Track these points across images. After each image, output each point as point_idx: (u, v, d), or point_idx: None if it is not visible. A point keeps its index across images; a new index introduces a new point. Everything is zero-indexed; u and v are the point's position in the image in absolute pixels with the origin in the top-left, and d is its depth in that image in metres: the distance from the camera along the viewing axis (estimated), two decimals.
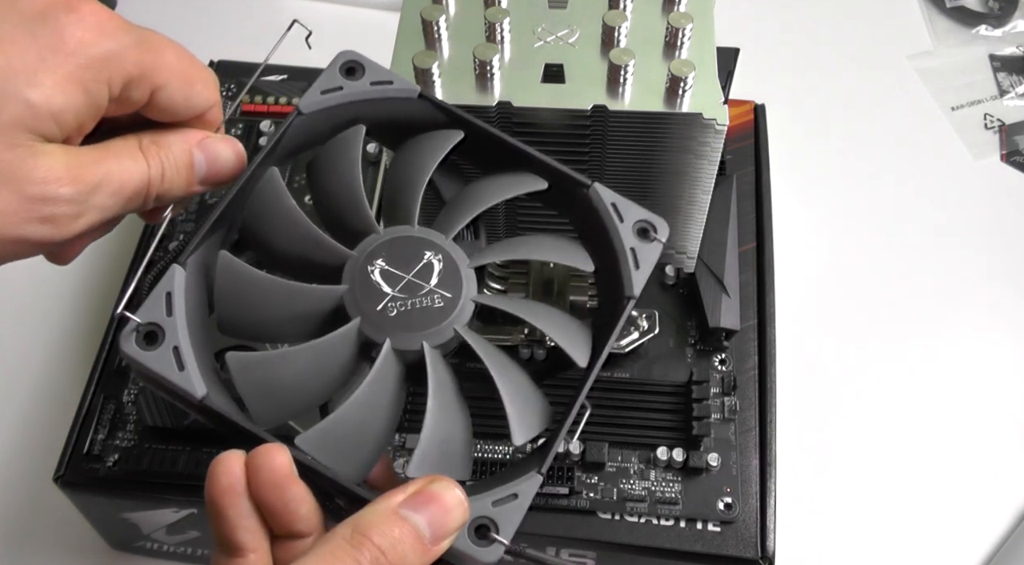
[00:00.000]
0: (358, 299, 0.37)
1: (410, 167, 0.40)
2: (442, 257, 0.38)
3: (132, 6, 0.82)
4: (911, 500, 0.58)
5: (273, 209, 0.38)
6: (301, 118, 0.40)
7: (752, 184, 0.59)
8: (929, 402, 0.62)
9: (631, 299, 0.38)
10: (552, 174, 0.40)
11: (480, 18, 0.44)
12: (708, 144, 0.43)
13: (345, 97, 0.40)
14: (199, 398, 0.34)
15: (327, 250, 0.38)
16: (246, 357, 0.35)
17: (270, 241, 0.39)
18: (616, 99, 0.42)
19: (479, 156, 0.42)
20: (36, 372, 0.62)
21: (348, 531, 0.31)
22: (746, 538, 0.48)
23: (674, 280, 0.56)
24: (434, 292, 0.37)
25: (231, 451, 0.33)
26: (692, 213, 0.47)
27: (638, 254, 0.39)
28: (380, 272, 0.37)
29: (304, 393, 0.36)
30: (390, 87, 0.40)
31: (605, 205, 0.39)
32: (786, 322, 0.55)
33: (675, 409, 0.51)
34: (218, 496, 0.33)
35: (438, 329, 0.37)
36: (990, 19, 0.81)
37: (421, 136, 0.41)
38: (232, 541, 0.33)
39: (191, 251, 0.36)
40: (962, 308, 0.66)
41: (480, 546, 0.33)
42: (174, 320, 0.35)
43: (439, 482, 0.33)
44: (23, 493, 0.59)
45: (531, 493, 0.34)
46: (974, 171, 0.72)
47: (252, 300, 0.37)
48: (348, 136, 0.40)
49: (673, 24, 0.43)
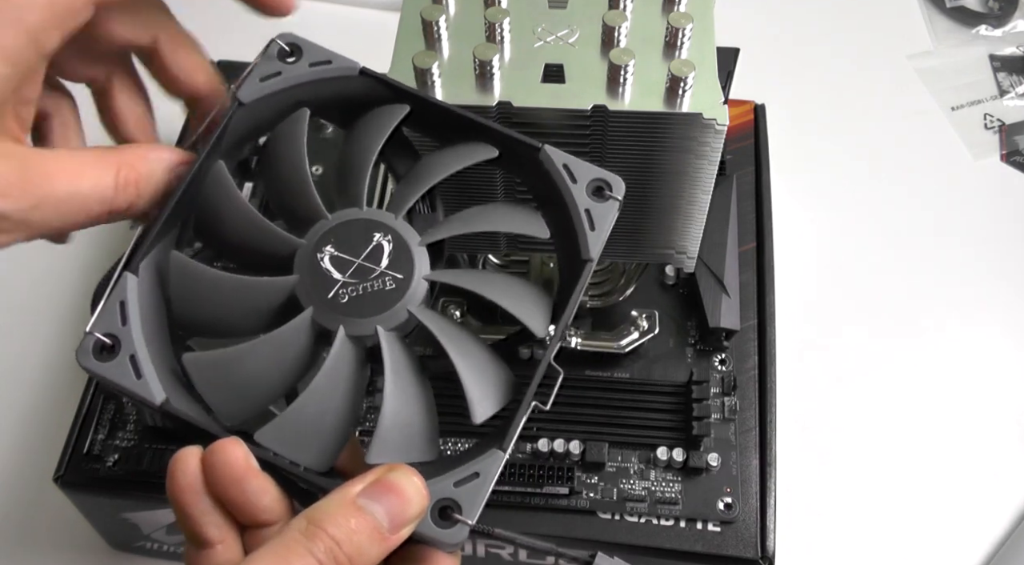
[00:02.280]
0: (309, 288, 0.36)
1: (356, 148, 0.40)
2: (391, 237, 0.37)
3: None
4: (911, 500, 0.58)
5: (222, 204, 0.38)
6: (242, 109, 0.39)
7: (752, 184, 0.59)
8: (929, 402, 0.62)
9: (589, 262, 0.37)
10: (502, 141, 0.40)
11: (480, 18, 0.44)
12: (708, 144, 0.43)
13: (285, 82, 0.40)
14: (158, 404, 0.34)
15: (277, 240, 0.38)
16: (202, 358, 0.36)
17: (221, 236, 0.38)
18: (616, 99, 0.42)
19: (431, 129, 0.41)
20: (36, 372, 0.62)
21: (303, 523, 0.31)
22: (746, 538, 0.48)
23: (674, 280, 0.56)
24: (385, 274, 0.37)
25: (187, 448, 0.33)
26: (692, 213, 0.47)
27: (593, 215, 0.38)
28: (330, 258, 0.37)
29: (264, 387, 0.36)
30: (330, 67, 0.40)
31: (556, 167, 0.39)
32: (786, 322, 0.55)
33: (675, 409, 0.51)
34: (178, 494, 0.33)
35: (392, 312, 0.36)
36: (990, 19, 0.81)
37: (367, 114, 0.40)
38: (197, 535, 0.33)
39: (143, 255, 0.36)
40: (962, 308, 0.66)
41: (444, 528, 0.33)
42: (129, 329, 0.35)
43: (397, 471, 0.33)
44: (23, 493, 0.59)
45: (494, 471, 0.34)
46: (974, 171, 0.72)
47: (206, 298, 0.37)
48: (292, 122, 0.39)
49: (673, 24, 0.43)
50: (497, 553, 0.51)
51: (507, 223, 0.40)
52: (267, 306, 0.37)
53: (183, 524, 0.34)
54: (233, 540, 0.34)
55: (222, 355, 0.36)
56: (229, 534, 0.34)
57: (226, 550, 0.33)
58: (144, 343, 0.35)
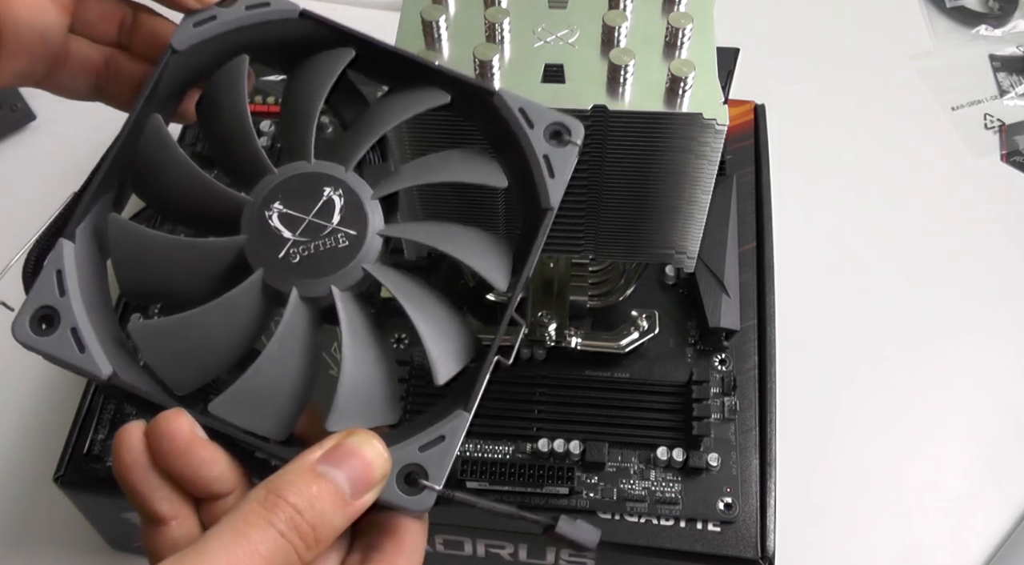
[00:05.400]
0: (258, 248, 0.35)
1: (300, 96, 0.37)
2: (343, 192, 0.35)
3: None
4: (911, 500, 0.58)
5: (160, 159, 0.36)
6: (177, 56, 0.37)
7: (752, 184, 0.59)
8: (929, 401, 0.62)
9: (549, 211, 0.36)
10: (454, 85, 0.37)
11: (480, 18, 0.44)
12: (708, 144, 0.43)
13: (220, 27, 0.37)
14: (104, 378, 0.33)
15: (221, 197, 0.35)
16: (148, 326, 0.34)
17: (163, 194, 0.36)
18: (616, 99, 0.42)
19: (379, 74, 0.39)
20: (36, 372, 0.62)
21: (262, 494, 0.30)
22: (746, 538, 0.48)
23: (674, 280, 0.56)
24: (337, 231, 0.35)
25: (131, 423, 0.33)
26: (692, 213, 0.47)
27: (552, 161, 0.36)
28: (279, 216, 0.35)
29: (216, 353, 0.35)
30: (267, 10, 0.38)
31: (512, 111, 0.36)
32: (786, 322, 0.55)
33: (675, 409, 0.51)
34: (124, 472, 0.32)
35: (346, 271, 0.35)
36: (990, 19, 0.81)
37: (309, 60, 0.38)
38: (149, 512, 0.33)
39: (79, 219, 0.34)
40: (962, 308, 0.66)
41: (410, 495, 0.32)
42: (68, 300, 0.33)
43: (357, 435, 0.32)
44: (23, 493, 0.59)
45: (459, 433, 0.33)
46: (974, 171, 0.72)
47: (150, 262, 0.35)
48: (230, 69, 0.37)
49: (673, 24, 0.43)
50: (497, 553, 0.51)
51: (463, 172, 0.37)
52: (214, 268, 0.35)
53: (133, 501, 0.33)
54: (188, 515, 0.33)
55: (169, 322, 0.34)
56: (183, 509, 0.33)
57: (180, 525, 0.33)
58: (86, 314, 0.33)
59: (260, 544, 0.29)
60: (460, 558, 0.52)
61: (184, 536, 0.33)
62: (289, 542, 0.30)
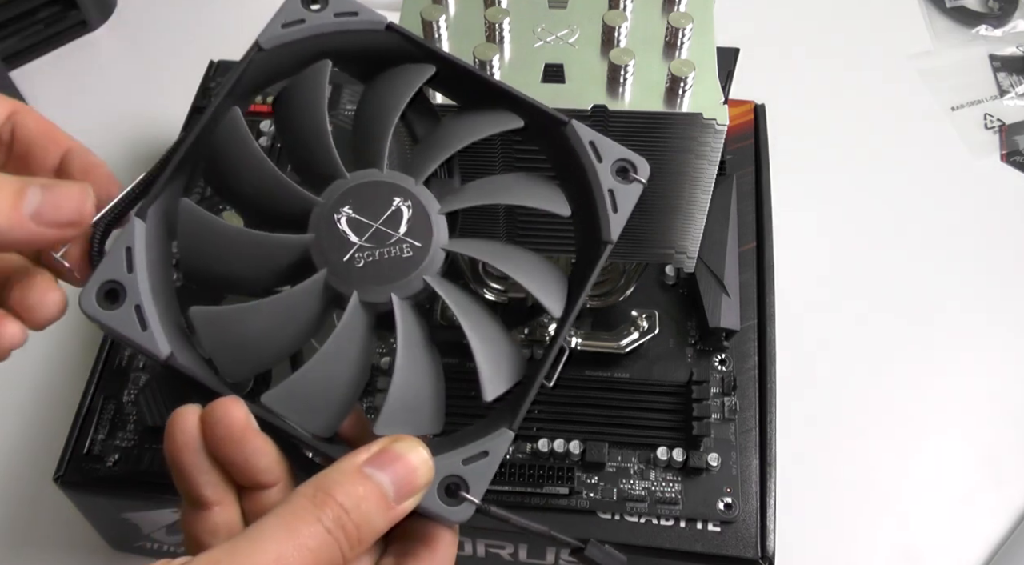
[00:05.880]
0: (324, 249, 0.35)
1: (378, 106, 0.38)
2: (411, 203, 0.36)
3: (132, 6, 0.82)
4: (911, 500, 0.58)
5: (236, 152, 0.36)
6: (262, 54, 0.38)
7: (752, 184, 0.59)
8: (929, 401, 0.62)
9: (608, 244, 0.37)
10: (529, 111, 0.38)
11: (480, 18, 0.44)
12: (708, 144, 0.43)
13: (308, 30, 0.38)
14: (163, 358, 0.33)
15: (292, 196, 0.36)
16: (210, 312, 0.35)
17: (234, 186, 0.37)
18: (616, 99, 0.42)
19: (455, 91, 0.40)
20: (36, 372, 0.62)
21: (311, 490, 0.31)
22: (746, 538, 0.48)
23: (674, 280, 0.56)
24: (403, 241, 0.36)
25: (187, 406, 0.33)
26: (692, 213, 0.47)
27: (616, 196, 0.37)
28: (347, 220, 0.36)
29: (271, 346, 0.35)
30: (355, 19, 0.38)
31: (583, 144, 0.38)
32: (786, 322, 0.55)
33: (675, 409, 0.51)
34: (175, 453, 0.33)
35: (407, 280, 0.35)
36: (990, 19, 0.81)
37: (390, 72, 0.39)
38: (194, 495, 0.33)
39: (152, 200, 0.35)
40: (962, 308, 0.66)
41: (450, 505, 0.33)
42: (135, 278, 0.34)
43: (404, 441, 0.33)
44: (23, 493, 0.59)
45: (502, 450, 0.34)
46: (974, 171, 0.72)
47: (216, 250, 0.36)
48: (312, 73, 0.38)
49: (673, 24, 0.43)
50: (497, 553, 0.51)
51: (528, 197, 0.38)
52: (278, 263, 0.36)
53: (180, 484, 0.33)
54: (231, 503, 0.33)
55: (230, 310, 0.35)
56: (227, 496, 0.33)
57: (223, 512, 0.33)
58: (150, 293, 0.34)
59: (309, 539, 0.30)
60: (460, 558, 0.52)
61: (225, 523, 0.33)
62: (335, 539, 0.30)
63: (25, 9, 0.76)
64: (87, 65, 0.79)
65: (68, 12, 0.79)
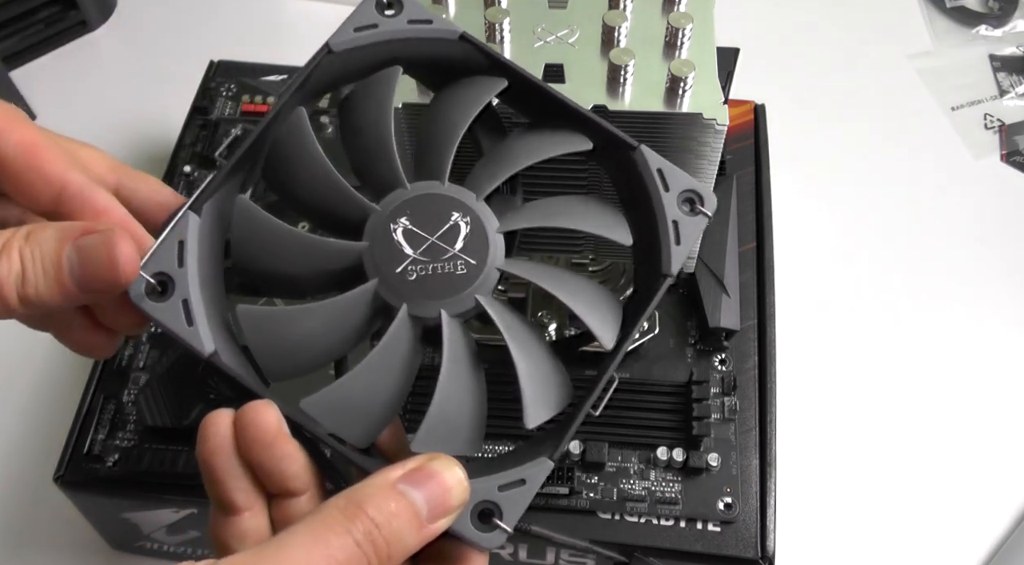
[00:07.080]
0: (377, 259, 0.35)
1: (445, 118, 0.37)
2: (470, 220, 0.36)
3: (132, 6, 0.82)
4: (911, 500, 0.58)
5: (297, 153, 0.36)
6: (331, 57, 0.37)
7: (752, 184, 0.59)
8: (929, 401, 0.62)
9: (667, 277, 0.36)
10: (598, 133, 0.37)
11: (480, 18, 0.44)
12: (708, 144, 0.43)
13: (379, 35, 0.37)
14: (207, 355, 0.33)
15: (350, 202, 0.36)
16: (257, 312, 0.34)
17: (291, 187, 0.37)
18: (616, 99, 0.42)
19: (523, 106, 0.39)
20: (36, 372, 0.62)
21: (343, 502, 0.30)
22: (746, 538, 0.48)
23: (674, 280, 0.56)
24: (458, 257, 0.35)
25: (220, 410, 0.33)
26: None
27: (680, 228, 0.36)
28: (403, 231, 0.35)
29: (316, 351, 0.35)
30: (429, 27, 0.38)
31: (651, 170, 0.36)
32: (786, 322, 0.55)
33: (675, 409, 0.51)
34: (207, 456, 0.32)
35: (459, 298, 0.35)
36: (990, 19, 0.81)
37: (459, 83, 0.38)
38: (225, 500, 0.33)
39: (208, 196, 0.35)
40: (962, 308, 0.66)
41: (483, 531, 0.32)
42: (185, 271, 0.33)
43: (440, 460, 0.32)
44: (23, 493, 0.59)
45: (540, 479, 0.33)
46: (974, 171, 0.72)
47: (268, 250, 0.35)
48: (381, 78, 0.37)
49: (673, 24, 0.43)
50: (497, 553, 0.51)
51: (591, 223, 0.37)
52: (329, 268, 0.35)
53: (211, 488, 0.33)
54: (261, 509, 0.33)
55: (278, 312, 0.34)
56: (257, 502, 0.33)
57: (252, 518, 0.33)
58: (199, 289, 0.33)
59: (338, 550, 0.29)
60: None
61: (254, 529, 0.33)
62: (364, 553, 0.30)
63: (25, 9, 0.76)
64: (87, 65, 0.79)
65: (68, 12, 0.79)
